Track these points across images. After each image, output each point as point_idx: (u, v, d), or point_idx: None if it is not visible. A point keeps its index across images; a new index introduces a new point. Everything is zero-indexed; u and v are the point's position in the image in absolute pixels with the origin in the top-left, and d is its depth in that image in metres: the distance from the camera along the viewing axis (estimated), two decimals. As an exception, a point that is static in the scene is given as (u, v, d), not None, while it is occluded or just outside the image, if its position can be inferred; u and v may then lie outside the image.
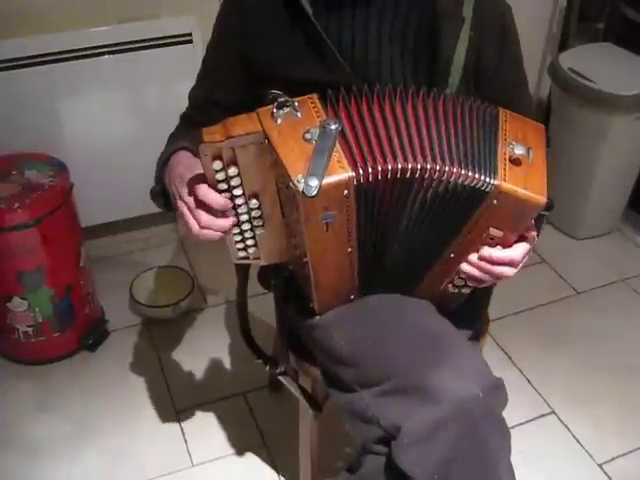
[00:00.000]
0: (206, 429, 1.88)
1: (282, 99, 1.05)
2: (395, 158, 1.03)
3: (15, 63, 2.04)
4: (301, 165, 1.00)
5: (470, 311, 1.27)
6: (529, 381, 2.04)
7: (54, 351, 2.06)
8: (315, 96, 1.09)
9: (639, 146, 2.41)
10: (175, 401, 1.95)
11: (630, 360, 2.10)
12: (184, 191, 1.11)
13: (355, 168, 1.02)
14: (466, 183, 1.04)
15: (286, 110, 1.05)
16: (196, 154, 1.20)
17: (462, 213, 1.08)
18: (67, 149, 2.14)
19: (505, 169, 1.04)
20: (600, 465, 1.81)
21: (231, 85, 1.30)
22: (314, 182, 0.98)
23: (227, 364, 2.07)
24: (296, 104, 1.06)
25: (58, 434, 1.86)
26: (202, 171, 1.09)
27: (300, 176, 0.99)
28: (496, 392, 1.07)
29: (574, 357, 2.11)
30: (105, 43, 2.10)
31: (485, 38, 1.21)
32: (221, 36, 1.30)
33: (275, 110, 1.05)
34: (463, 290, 1.20)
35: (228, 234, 1.13)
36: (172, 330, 2.17)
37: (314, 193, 0.98)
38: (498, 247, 1.10)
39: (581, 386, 2.02)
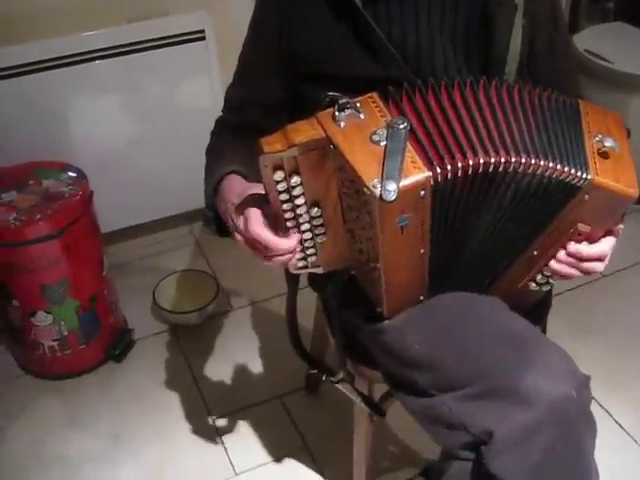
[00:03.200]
0: (245, 436, 1.84)
1: (342, 101, 1.00)
2: (475, 152, 0.99)
3: (23, 69, 1.98)
4: (374, 169, 0.96)
5: (537, 311, 1.24)
6: (565, 368, 2.01)
7: (80, 364, 2.01)
8: (375, 95, 1.04)
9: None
10: (210, 409, 1.90)
11: (662, 341, 2.08)
12: (238, 224, 1.06)
13: (431, 167, 0.97)
14: (555, 177, 1.00)
15: (348, 112, 1.00)
16: (247, 177, 1.16)
17: (549, 210, 1.04)
18: (79, 155, 2.09)
19: (596, 162, 1.01)
20: (647, 450, 1.79)
21: (272, 84, 1.25)
22: (392, 186, 0.94)
23: (259, 367, 2.02)
24: (358, 105, 1.01)
25: (91, 450, 1.81)
26: (257, 191, 1.05)
27: (376, 181, 0.95)
28: (586, 389, 1.04)
29: (606, 341, 2.08)
30: (115, 44, 2.04)
31: (537, 24, 1.17)
32: (259, 33, 1.25)
33: (336, 113, 1.00)
34: (544, 288, 1.16)
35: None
36: (199, 336, 2.12)
37: (393, 198, 0.94)
38: (584, 242, 1.07)
39: (617, 370, 1.99)
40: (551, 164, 0.99)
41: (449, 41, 1.14)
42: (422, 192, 0.98)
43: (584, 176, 1.00)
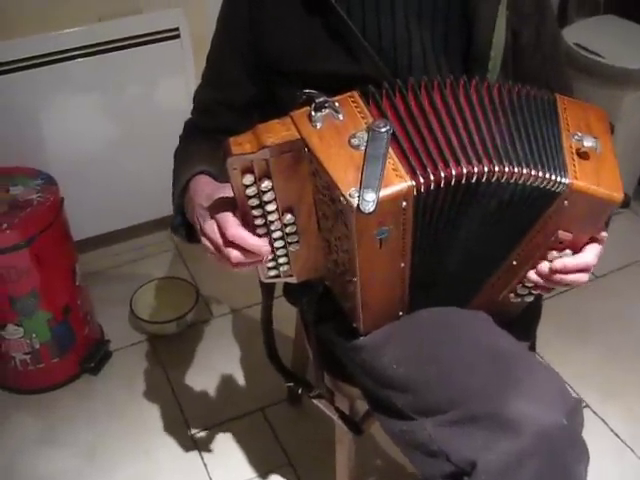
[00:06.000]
0: (226, 450, 1.77)
1: (320, 99, 0.93)
2: (457, 161, 0.91)
3: (-12, 71, 1.89)
4: (351, 176, 0.88)
5: (524, 323, 1.17)
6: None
7: (54, 378, 1.93)
8: (356, 93, 0.97)
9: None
10: (189, 422, 1.83)
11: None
12: (208, 228, 0.99)
13: (414, 176, 0.90)
14: (535, 184, 0.93)
15: (325, 112, 0.93)
16: (217, 177, 1.08)
17: (528, 217, 0.97)
18: (50, 160, 2.00)
19: (575, 165, 0.93)
20: (643, 459, 1.73)
21: (241, 83, 1.18)
22: (371, 196, 0.86)
23: (241, 378, 1.95)
24: (337, 104, 0.94)
25: (65, 468, 1.74)
26: (227, 194, 0.97)
27: (353, 189, 0.87)
28: (578, 414, 0.97)
29: (600, 346, 2.02)
30: (85, 44, 1.94)
31: (522, 18, 1.09)
32: (227, 28, 1.17)
33: (313, 112, 0.92)
34: (526, 299, 1.09)
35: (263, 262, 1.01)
36: (178, 345, 2.05)
37: (371, 209, 0.86)
38: (567, 251, 0.99)
39: (611, 376, 1.93)
40: (533, 171, 0.93)
41: (428, 34, 1.06)
42: (404, 203, 0.90)
43: (561, 180, 0.93)
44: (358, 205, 0.86)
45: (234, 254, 0.97)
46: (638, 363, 1.96)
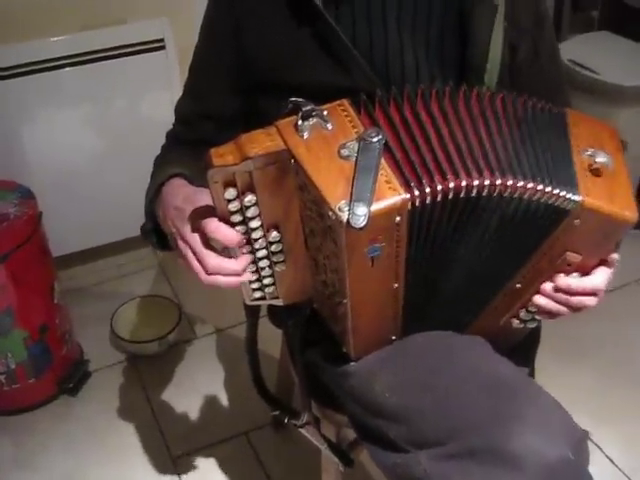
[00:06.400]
0: (208, 476, 1.70)
1: (307, 107, 0.87)
2: (456, 173, 0.86)
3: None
4: (341, 189, 0.82)
5: (523, 348, 1.11)
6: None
7: (31, 399, 1.86)
8: (346, 102, 0.91)
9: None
10: (170, 446, 1.76)
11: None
12: (186, 229, 0.93)
13: (408, 189, 0.84)
14: (542, 201, 0.87)
15: (313, 121, 0.87)
16: (193, 181, 1.02)
17: (534, 237, 0.91)
18: (30, 172, 1.95)
19: (586, 181, 0.88)
20: (640, 487, 1.67)
21: (225, 94, 1.12)
22: (362, 210, 0.80)
23: (224, 400, 1.88)
24: (325, 113, 0.88)
25: (41, 494, 1.67)
26: (205, 202, 0.91)
27: (343, 203, 0.81)
28: (585, 448, 0.91)
29: (595, 369, 1.96)
30: (67, 54, 1.90)
31: (520, 31, 1.05)
32: (210, 38, 1.12)
33: (300, 121, 0.87)
34: (529, 325, 1.03)
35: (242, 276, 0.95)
36: (160, 366, 1.98)
37: (363, 224, 0.80)
38: (575, 274, 0.94)
39: (606, 400, 1.87)
40: (539, 186, 0.87)
41: (422, 45, 1.01)
42: (397, 218, 0.84)
43: (573, 198, 0.87)
44: (348, 220, 0.80)
45: (212, 261, 0.90)
46: (632, 387, 1.91)
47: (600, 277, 0.95)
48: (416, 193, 0.84)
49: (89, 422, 1.83)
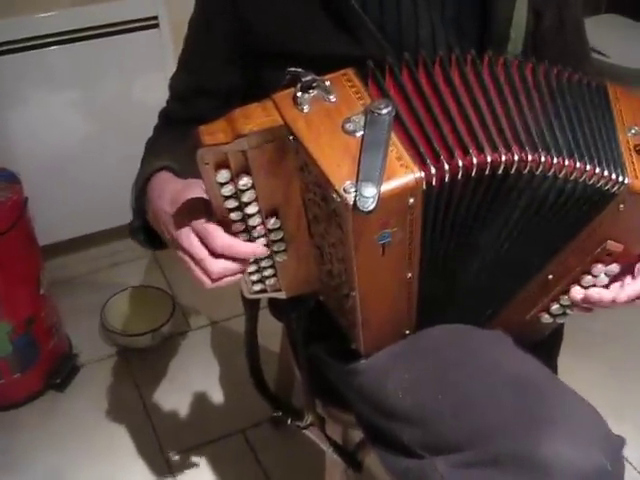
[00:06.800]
0: (203, 476, 1.63)
1: (307, 78, 0.78)
2: (480, 148, 0.77)
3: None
4: (346, 168, 0.74)
5: (546, 346, 1.02)
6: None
7: (16, 395, 1.78)
8: (350, 71, 0.82)
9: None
10: (163, 444, 1.69)
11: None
12: (185, 240, 0.83)
13: (423, 166, 0.75)
14: (582, 181, 0.79)
15: (314, 93, 0.78)
16: (180, 174, 0.93)
17: (572, 223, 0.83)
18: (16, 156, 1.87)
19: (633, 162, 0.80)
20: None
21: (223, 67, 1.04)
22: (370, 191, 0.71)
23: (220, 396, 1.81)
24: (327, 84, 0.79)
25: (28, 495, 1.60)
26: (194, 194, 0.83)
27: (348, 183, 0.73)
28: (621, 457, 0.82)
29: (607, 363, 1.89)
30: (55, 31, 1.81)
31: None
32: (206, 6, 1.03)
33: (299, 93, 0.78)
34: (559, 320, 0.95)
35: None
36: (153, 360, 1.91)
37: (371, 207, 0.71)
38: (613, 265, 0.85)
39: (620, 395, 1.80)
40: (578, 164, 0.78)
41: (437, 13, 0.93)
42: (411, 200, 0.75)
43: (619, 179, 0.79)
44: (355, 202, 0.72)
45: (217, 267, 0.82)
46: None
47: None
48: (432, 171, 0.75)
49: (77, 419, 1.76)
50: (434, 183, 0.76)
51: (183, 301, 2.06)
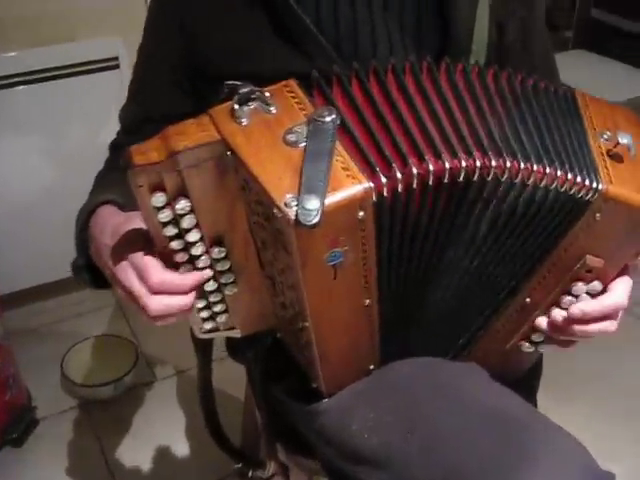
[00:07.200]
0: (167, 537, 1.54)
1: (245, 89, 0.73)
2: (437, 154, 0.72)
3: None
4: (288, 181, 0.68)
5: (524, 379, 0.96)
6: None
7: (-32, 452, 1.69)
8: (293, 82, 0.77)
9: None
10: (126, 503, 1.60)
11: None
12: (122, 275, 0.77)
13: (372, 176, 0.70)
14: (554, 189, 0.74)
15: (253, 105, 0.73)
16: (124, 207, 0.86)
17: (546, 237, 0.77)
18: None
19: (607, 168, 0.75)
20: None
21: (174, 95, 0.98)
22: (313, 203, 0.65)
23: (185, 450, 1.73)
24: (267, 95, 0.74)
25: None
26: (136, 225, 0.76)
27: (289, 197, 0.66)
28: None
29: (590, 404, 1.84)
30: (15, 72, 1.78)
31: (506, 7, 0.93)
32: (154, 32, 0.99)
33: (237, 106, 0.72)
34: (540, 348, 0.88)
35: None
36: (116, 412, 1.84)
37: (315, 220, 0.65)
38: (595, 283, 0.79)
39: (604, 438, 1.72)
40: (548, 170, 0.73)
41: (395, 26, 0.89)
42: (360, 213, 0.69)
43: (593, 185, 0.74)
44: (297, 216, 0.65)
45: (155, 306, 0.75)
46: (629, 420, 1.80)
47: (620, 290, 0.80)
48: (383, 180, 0.70)
49: (36, 476, 1.67)
50: (385, 194, 0.70)
51: (149, 350, 1.98)
